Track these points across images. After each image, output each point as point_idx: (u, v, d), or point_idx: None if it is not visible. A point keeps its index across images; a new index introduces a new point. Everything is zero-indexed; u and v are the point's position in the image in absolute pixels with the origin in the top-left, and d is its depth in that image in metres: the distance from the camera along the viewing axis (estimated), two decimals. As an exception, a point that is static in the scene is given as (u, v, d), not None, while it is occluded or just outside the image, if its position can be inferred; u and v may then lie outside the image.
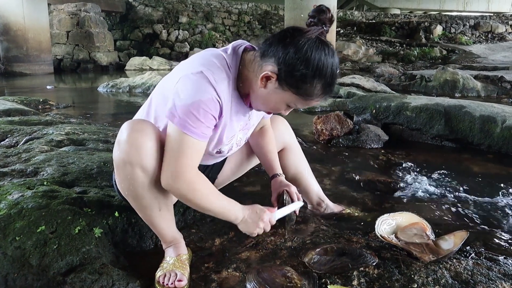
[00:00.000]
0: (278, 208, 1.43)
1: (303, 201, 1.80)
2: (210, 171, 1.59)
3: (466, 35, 17.83)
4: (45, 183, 1.66)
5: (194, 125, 1.15)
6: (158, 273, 1.28)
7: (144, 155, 1.18)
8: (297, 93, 1.18)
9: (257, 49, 1.23)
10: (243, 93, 1.27)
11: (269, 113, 1.47)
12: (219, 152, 1.41)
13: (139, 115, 1.40)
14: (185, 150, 1.17)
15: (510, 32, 18.41)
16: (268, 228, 1.36)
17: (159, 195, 1.25)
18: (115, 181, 1.43)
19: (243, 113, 1.33)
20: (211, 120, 1.19)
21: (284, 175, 1.59)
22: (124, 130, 1.20)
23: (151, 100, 1.35)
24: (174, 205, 1.40)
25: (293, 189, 1.50)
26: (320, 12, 1.18)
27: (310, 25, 1.18)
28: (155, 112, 1.32)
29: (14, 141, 2.56)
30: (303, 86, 1.16)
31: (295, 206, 1.47)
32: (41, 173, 1.84)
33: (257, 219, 1.32)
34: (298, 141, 1.79)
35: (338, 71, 1.19)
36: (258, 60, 1.20)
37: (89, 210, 1.48)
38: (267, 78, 1.17)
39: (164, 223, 1.32)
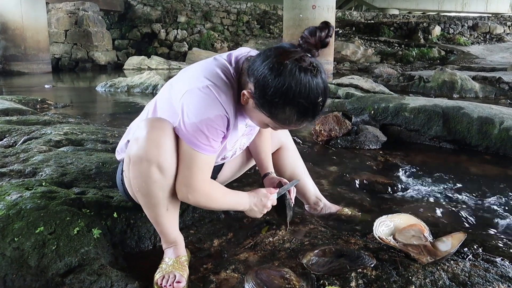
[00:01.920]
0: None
1: (302, 201, 1.82)
2: (210, 171, 1.59)
3: (464, 36, 17.88)
4: (43, 183, 1.65)
5: (204, 142, 1.17)
6: (157, 275, 1.29)
7: (162, 154, 1.18)
8: (270, 117, 1.17)
9: (250, 59, 1.21)
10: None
11: None
12: (224, 158, 1.45)
13: (143, 117, 1.39)
14: (197, 166, 1.20)
15: (508, 33, 18.48)
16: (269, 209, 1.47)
17: (169, 195, 1.26)
18: (121, 179, 1.43)
19: (243, 120, 1.34)
20: (220, 135, 1.21)
21: (274, 173, 1.61)
22: (143, 127, 1.21)
23: (156, 106, 1.35)
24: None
25: (283, 180, 1.54)
26: (311, 34, 1.11)
27: (297, 47, 1.13)
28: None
29: (12, 141, 2.55)
30: (275, 112, 1.15)
31: (292, 184, 1.53)
32: (40, 173, 1.84)
33: (262, 208, 1.43)
34: (297, 142, 1.79)
35: (319, 99, 1.12)
36: (245, 73, 1.19)
37: (88, 211, 1.48)
38: (247, 96, 1.17)
39: (169, 223, 1.32)
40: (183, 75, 1.29)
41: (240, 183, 2.09)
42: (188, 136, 1.17)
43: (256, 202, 1.41)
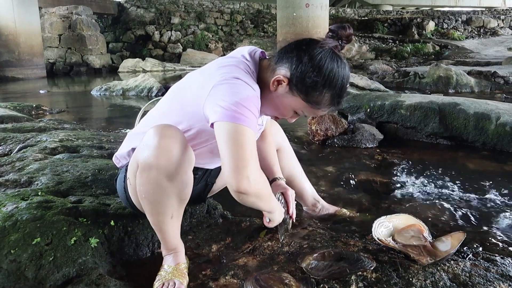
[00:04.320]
0: None
1: (300, 203, 1.81)
2: (209, 175, 1.58)
3: (458, 31, 17.92)
4: (39, 193, 1.64)
5: (248, 116, 1.15)
6: (157, 283, 1.27)
7: (172, 162, 1.18)
8: (306, 100, 1.22)
9: (273, 55, 1.28)
10: None
11: (276, 118, 1.43)
12: None
13: (147, 123, 1.38)
14: (248, 141, 1.15)
15: (502, 27, 18.53)
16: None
17: (175, 203, 1.26)
18: (124, 186, 1.42)
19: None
20: (257, 114, 1.21)
21: (284, 179, 1.60)
22: (153, 135, 1.20)
23: (161, 112, 1.35)
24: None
25: (290, 192, 1.54)
26: (340, 28, 1.22)
27: (328, 37, 1.22)
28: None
29: (7, 149, 2.54)
30: (312, 94, 1.21)
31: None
32: (35, 182, 1.82)
33: (280, 209, 1.48)
34: (293, 142, 1.79)
35: (348, 85, 1.24)
36: (273, 65, 1.25)
37: (85, 220, 1.47)
38: (279, 82, 1.22)
39: (172, 230, 1.32)
40: (199, 76, 1.28)
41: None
42: (230, 114, 1.12)
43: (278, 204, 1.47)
